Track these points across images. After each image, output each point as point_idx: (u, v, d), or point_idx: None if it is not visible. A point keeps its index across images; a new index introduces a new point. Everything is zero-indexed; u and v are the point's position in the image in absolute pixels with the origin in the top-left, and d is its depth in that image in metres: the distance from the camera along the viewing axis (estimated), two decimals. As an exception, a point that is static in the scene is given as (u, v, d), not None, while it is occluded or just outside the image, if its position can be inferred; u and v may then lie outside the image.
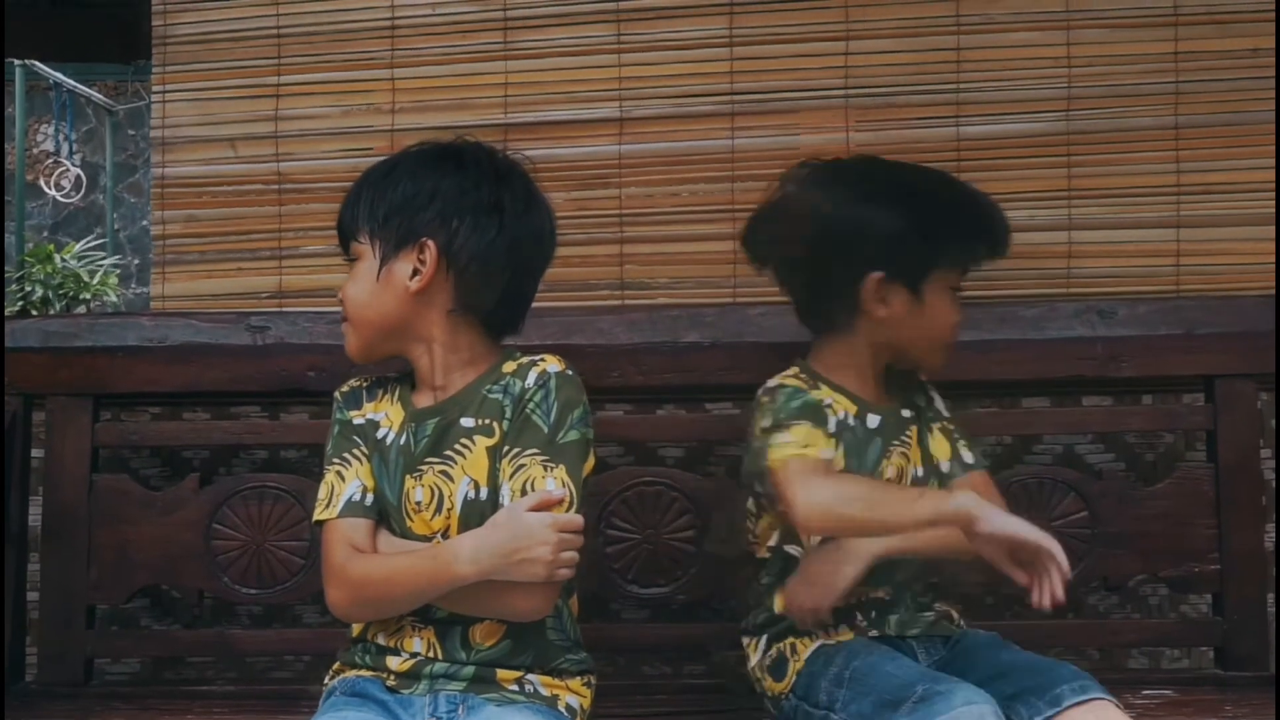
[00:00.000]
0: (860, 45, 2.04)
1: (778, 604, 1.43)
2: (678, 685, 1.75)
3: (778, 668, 1.42)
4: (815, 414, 1.39)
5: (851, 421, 1.44)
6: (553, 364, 1.35)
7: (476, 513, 1.31)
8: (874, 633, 1.42)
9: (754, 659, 1.47)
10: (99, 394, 1.72)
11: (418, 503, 1.33)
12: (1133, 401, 1.79)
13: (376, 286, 1.33)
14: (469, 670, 1.32)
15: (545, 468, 1.29)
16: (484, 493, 1.32)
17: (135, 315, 1.80)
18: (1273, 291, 1.83)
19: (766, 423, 1.39)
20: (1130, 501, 1.69)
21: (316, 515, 1.36)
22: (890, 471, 1.44)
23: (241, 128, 2.06)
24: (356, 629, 1.38)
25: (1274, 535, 1.76)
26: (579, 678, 1.38)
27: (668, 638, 1.74)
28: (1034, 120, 2.03)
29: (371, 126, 2.05)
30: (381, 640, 1.35)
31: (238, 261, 2.06)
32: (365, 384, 1.42)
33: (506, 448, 1.31)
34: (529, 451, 1.30)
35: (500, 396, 1.34)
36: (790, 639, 1.43)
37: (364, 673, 1.36)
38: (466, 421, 1.34)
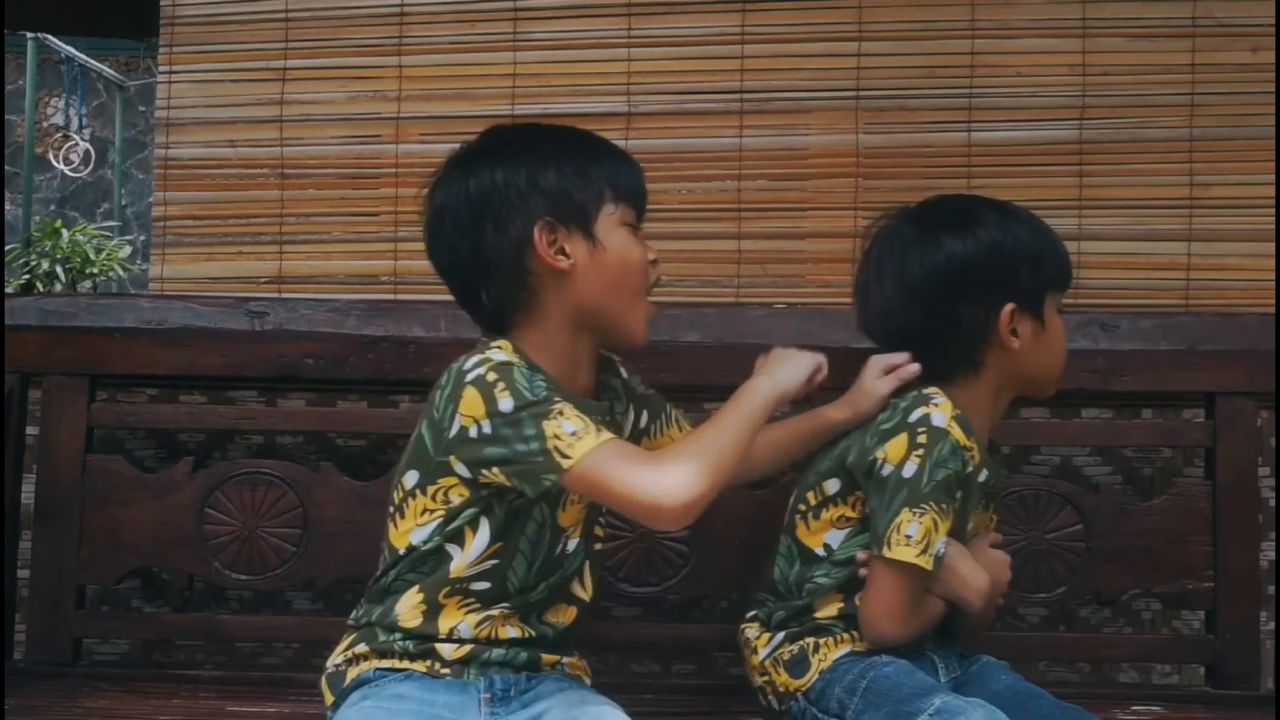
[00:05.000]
0: (873, 46, 2.03)
1: (830, 609, 1.39)
2: (666, 685, 1.74)
3: (797, 664, 1.38)
4: (951, 492, 1.33)
5: (972, 474, 1.37)
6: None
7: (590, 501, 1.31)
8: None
9: (764, 652, 1.42)
10: (96, 374, 1.71)
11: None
12: (1132, 416, 1.77)
13: None
14: (524, 656, 1.30)
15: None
16: None
17: (134, 297, 1.80)
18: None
19: (909, 472, 1.32)
20: (1126, 516, 1.67)
21: (595, 442, 1.16)
22: (970, 527, 1.42)
23: (246, 111, 2.06)
24: (415, 620, 1.27)
25: (1273, 555, 1.74)
26: (576, 656, 1.39)
27: (658, 637, 1.73)
28: (1046, 128, 2.01)
29: (377, 113, 2.04)
30: (465, 634, 1.27)
31: (238, 245, 2.06)
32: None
33: (653, 424, 1.43)
34: (669, 412, 1.45)
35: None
36: (813, 638, 1.39)
37: (411, 665, 1.28)
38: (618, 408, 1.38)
